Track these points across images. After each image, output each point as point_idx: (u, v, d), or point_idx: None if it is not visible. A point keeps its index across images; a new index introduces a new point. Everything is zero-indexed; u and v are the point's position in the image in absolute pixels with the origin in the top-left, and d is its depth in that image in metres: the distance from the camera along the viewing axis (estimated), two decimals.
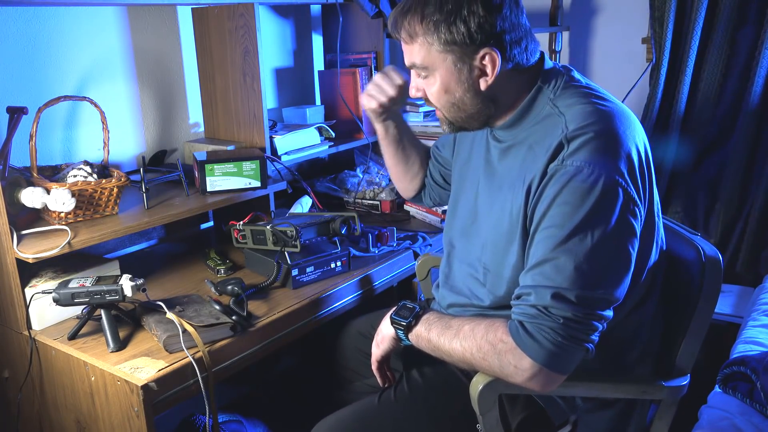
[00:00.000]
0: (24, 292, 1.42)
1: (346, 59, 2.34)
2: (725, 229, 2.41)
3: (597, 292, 1.05)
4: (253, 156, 1.79)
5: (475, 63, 1.14)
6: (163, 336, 1.32)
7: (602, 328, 1.08)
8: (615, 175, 1.06)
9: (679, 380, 1.24)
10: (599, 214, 1.04)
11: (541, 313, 1.05)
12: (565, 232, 1.05)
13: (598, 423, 1.28)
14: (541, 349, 1.04)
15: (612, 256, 1.07)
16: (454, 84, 1.17)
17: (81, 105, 1.80)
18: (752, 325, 1.88)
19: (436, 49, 1.14)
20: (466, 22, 1.10)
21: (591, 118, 1.10)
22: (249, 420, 1.75)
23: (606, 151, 1.07)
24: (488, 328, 1.11)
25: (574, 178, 1.05)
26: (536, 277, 1.07)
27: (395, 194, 2.27)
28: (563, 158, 1.08)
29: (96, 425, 1.37)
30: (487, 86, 1.16)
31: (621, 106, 1.17)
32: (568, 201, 1.05)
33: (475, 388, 1.16)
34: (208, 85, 2.04)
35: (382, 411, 1.32)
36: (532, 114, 1.19)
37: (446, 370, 1.34)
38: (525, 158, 1.18)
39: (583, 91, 1.17)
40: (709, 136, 2.40)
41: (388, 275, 1.82)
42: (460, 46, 1.12)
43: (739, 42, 2.27)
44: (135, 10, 1.91)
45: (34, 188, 1.46)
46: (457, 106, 1.20)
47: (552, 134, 1.13)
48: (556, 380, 1.09)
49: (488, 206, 1.26)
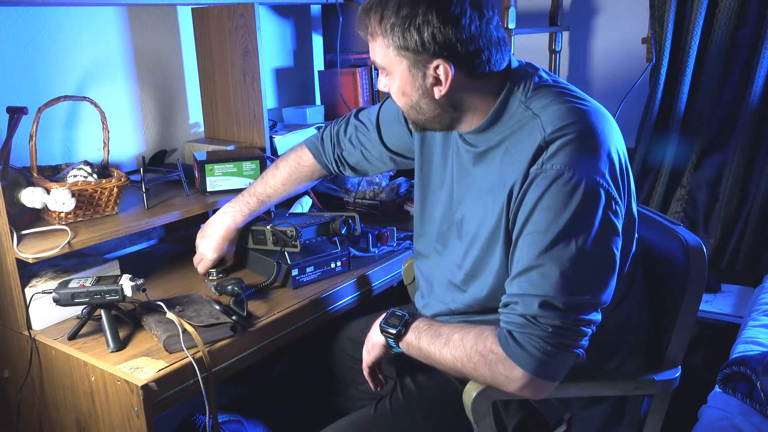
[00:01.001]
0: (24, 292, 1.41)
1: (346, 59, 2.34)
2: (725, 229, 2.41)
3: (584, 297, 1.05)
4: (253, 156, 1.79)
5: (428, 71, 1.12)
6: (163, 336, 1.32)
7: (591, 332, 1.07)
8: (596, 176, 1.05)
9: (671, 373, 1.24)
10: (582, 217, 1.04)
11: (529, 323, 1.04)
12: (549, 237, 1.04)
13: (592, 418, 1.28)
14: (531, 358, 1.04)
15: (598, 259, 1.06)
16: (410, 88, 1.15)
17: (81, 105, 1.80)
18: (752, 325, 1.88)
19: (392, 51, 1.12)
20: (419, 31, 1.07)
21: (567, 119, 1.09)
22: (249, 420, 1.75)
23: (586, 152, 1.06)
24: (477, 337, 1.10)
25: (555, 182, 1.04)
26: (522, 285, 1.06)
27: (395, 194, 2.27)
28: (543, 162, 1.07)
29: (96, 425, 1.37)
30: (442, 95, 1.14)
31: (596, 105, 1.16)
32: (551, 205, 1.04)
33: (468, 396, 1.15)
34: (208, 85, 2.04)
35: (378, 421, 1.31)
36: (504, 117, 1.17)
37: (440, 376, 1.33)
38: (502, 162, 1.16)
39: (555, 90, 1.15)
40: (709, 136, 2.40)
41: (388, 275, 1.82)
42: (413, 53, 1.10)
43: (739, 42, 2.27)
44: (135, 10, 1.91)
45: (34, 188, 1.46)
46: (415, 109, 1.19)
47: (529, 137, 1.11)
48: (548, 387, 1.08)
49: (468, 212, 1.24)
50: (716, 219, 2.43)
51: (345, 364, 1.57)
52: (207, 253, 1.63)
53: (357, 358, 1.43)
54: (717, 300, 2.32)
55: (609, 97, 2.59)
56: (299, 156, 1.64)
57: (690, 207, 2.48)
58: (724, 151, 2.39)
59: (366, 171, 1.62)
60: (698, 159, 2.44)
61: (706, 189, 2.44)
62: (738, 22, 2.26)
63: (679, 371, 1.25)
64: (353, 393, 1.55)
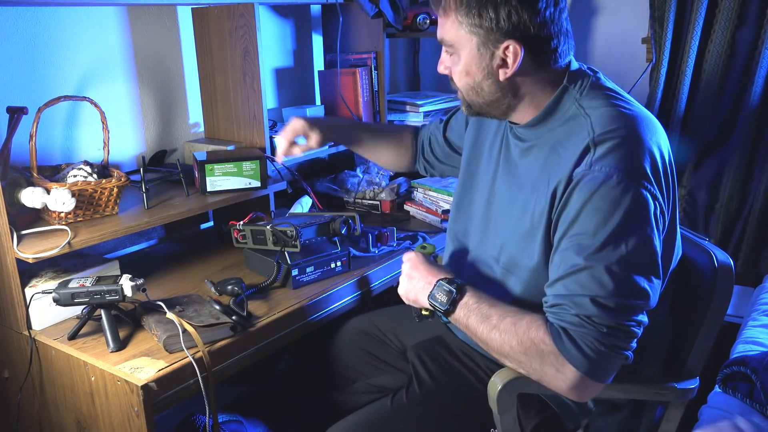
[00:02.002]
0: (24, 292, 1.42)
1: (346, 59, 2.34)
2: (725, 229, 2.41)
3: (634, 298, 1.04)
4: (253, 156, 1.79)
5: (497, 52, 1.13)
6: (163, 336, 1.32)
7: (640, 334, 1.07)
8: (644, 181, 1.05)
9: (690, 382, 1.25)
10: (631, 221, 1.04)
11: (584, 322, 1.04)
12: (598, 240, 1.03)
13: (608, 426, 1.28)
14: (584, 358, 1.03)
15: (645, 262, 1.06)
16: (475, 68, 1.16)
17: (81, 105, 1.80)
18: (752, 325, 1.88)
19: (464, 28, 1.13)
20: (496, 9, 1.09)
21: (618, 122, 1.09)
22: (249, 420, 1.75)
23: (634, 156, 1.06)
24: (530, 324, 1.09)
25: (603, 185, 1.04)
26: (570, 285, 1.06)
27: (395, 194, 2.27)
28: (591, 163, 1.07)
29: (96, 425, 1.37)
30: (506, 78, 1.14)
31: (645, 111, 1.17)
32: (600, 208, 1.04)
33: (494, 388, 1.15)
34: (208, 85, 2.04)
35: (395, 414, 1.31)
36: (557, 114, 1.17)
37: (456, 371, 1.34)
38: (548, 159, 1.16)
39: (608, 93, 1.16)
40: (709, 136, 2.40)
41: (388, 275, 1.82)
42: (486, 31, 1.11)
43: (739, 42, 2.27)
44: (135, 10, 1.91)
45: (34, 188, 1.46)
46: (476, 90, 1.19)
47: (577, 136, 1.12)
48: (595, 388, 1.08)
49: (508, 205, 1.24)
50: (716, 219, 2.43)
51: (355, 357, 1.57)
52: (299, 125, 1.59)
53: (369, 351, 1.43)
54: None
55: None
56: (404, 129, 1.72)
57: (690, 207, 2.48)
58: (724, 151, 2.39)
59: (442, 171, 1.67)
60: (698, 159, 2.44)
61: (706, 189, 2.44)
62: (738, 22, 2.25)
63: (697, 381, 1.26)
64: (362, 387, 1.55)
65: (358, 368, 1.56)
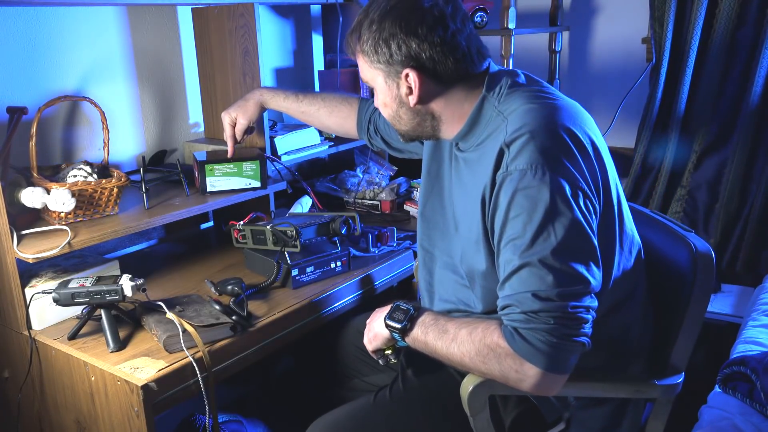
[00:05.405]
0: (24, 292, 1.42)
1: (346, 59, 2.34)
2: (725, 229, 2.41)
3: (574, 285, 1.06)
4: (253, 156, 1.79)
5: (401, 81, 1.19)
6: (163, 336, 1.32)
7: (592, 318, 1.08)
8: (560, 168, 1.07)
9: (673, 378, 1.24)
10: (555, 210, 1.06)
11: (531, 318, 1.05)
12: (528, 236, 1.06)
13: (591, 420, 1.29)
14: (539, 353, 1.05)
15: (579, 246, 1.07)
16: (390, 99, 1.24)
17: (81, 105, 1.80)
18: (752, 325, 1.88)
19: (371, 66, 1.22)
20: (388, 44, 1.16)
21: (526, 118, 1.12)
22: (249, 420, 1.75)
23: (545, 147, 1.08)
24: (485, 331, 1.11)
25: (521, 182, 1.07)
26: (514, 285, 1.08)
27: (395, 194, 2.27)
28: (507, 164, 1.10)
29: (96, 425, 1.37)
30: (416, 103, 1.21)
31: (566, 100, 1.19)
32: (523, 206, 1.07)
33: (465, 390, 1.16)
34: (208, 85, 2.04)
35: (377, 410, 1.32)
36: (481, 123, 1.21)
37: (442, 369, 1.34)
38: (478, 167, 1.19)
39: (526, 92, 1.18)
40: (709, 136, 2.40)
41: (388, 275, 1.82)
42: (386, 65, 1.19)
43: (739, 42, 2.27)
44: (135, 10, 1.91)
45: (34, 188, 1.46)
46: (397, 119, 1.27)
47: (496, 140, 1.15)
48: (559, 381, 1.09)
49: (461, 212, 1.27)
50: (716, 219, 2.43)
51: (352, 356, 1.58)
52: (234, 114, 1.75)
53: (364, 349, 1.43)
54: (717, 300, 2.32)
55: (609, 97, 2.59)
56: (349, 98, 1.74)
57: (690, 207, 2.48)
58: (724, 151, 2.39)
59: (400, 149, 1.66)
60: (698, 159, 2.44)
61: (706, 189, 2.44)
62: (738, 22, 2.26)
63: (681, 377, 1.24)
64: (358, 384, 1.56)
65: (355, 367, 1.57)
